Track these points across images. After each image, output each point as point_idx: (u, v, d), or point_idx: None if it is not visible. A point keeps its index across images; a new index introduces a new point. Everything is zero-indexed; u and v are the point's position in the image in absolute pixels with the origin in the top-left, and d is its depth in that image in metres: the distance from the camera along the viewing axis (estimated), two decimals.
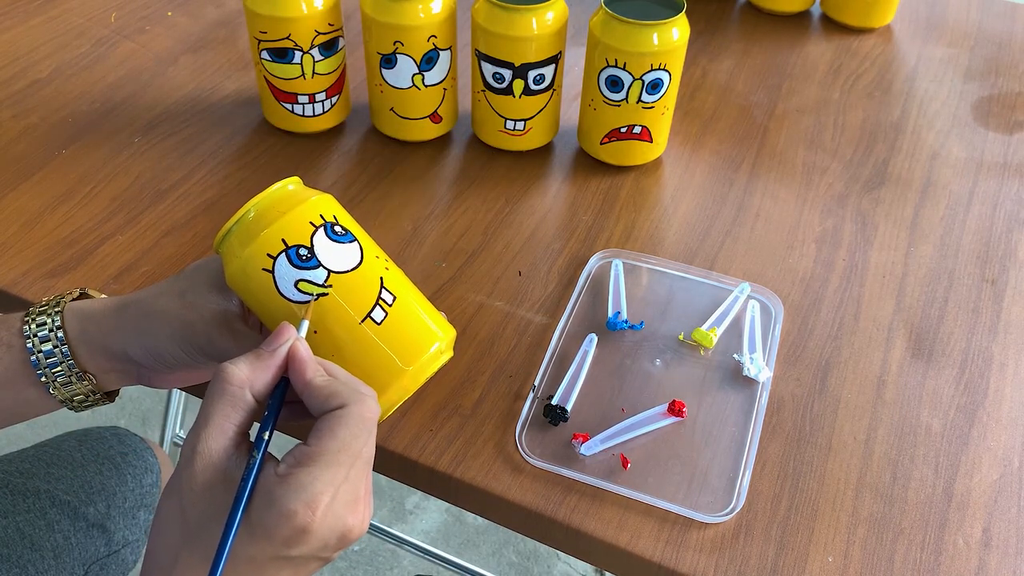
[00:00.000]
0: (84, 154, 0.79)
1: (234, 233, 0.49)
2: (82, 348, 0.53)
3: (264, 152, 0.80)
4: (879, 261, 0.73)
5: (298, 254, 0.48)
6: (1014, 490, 0.58)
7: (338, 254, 0.49)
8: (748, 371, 0.63)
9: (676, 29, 0.72)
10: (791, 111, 0.88)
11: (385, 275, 0.50)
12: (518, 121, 0.78)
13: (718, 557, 0.54)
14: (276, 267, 0.48)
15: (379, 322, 0.49)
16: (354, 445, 0.43)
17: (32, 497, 0.79)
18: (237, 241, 0.49)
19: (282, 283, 0.48)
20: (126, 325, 0.53)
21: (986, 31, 1.01)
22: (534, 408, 0.61)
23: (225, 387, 0.44)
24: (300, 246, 0.48)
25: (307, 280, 0.48)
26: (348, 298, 0.49)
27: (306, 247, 0.48)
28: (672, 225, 0.75)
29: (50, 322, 0.53)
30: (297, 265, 0.48)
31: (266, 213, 0.49)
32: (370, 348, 0.49)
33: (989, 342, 0.67)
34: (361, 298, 0.49)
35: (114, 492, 0.84)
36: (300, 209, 0.49)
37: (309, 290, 0.48)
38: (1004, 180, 0.81)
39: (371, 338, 0.49)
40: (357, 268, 0.49)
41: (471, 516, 1.51)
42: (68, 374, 0.53)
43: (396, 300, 0.49)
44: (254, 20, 0.74)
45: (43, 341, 0.52)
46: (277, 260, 0.48)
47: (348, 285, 0.49)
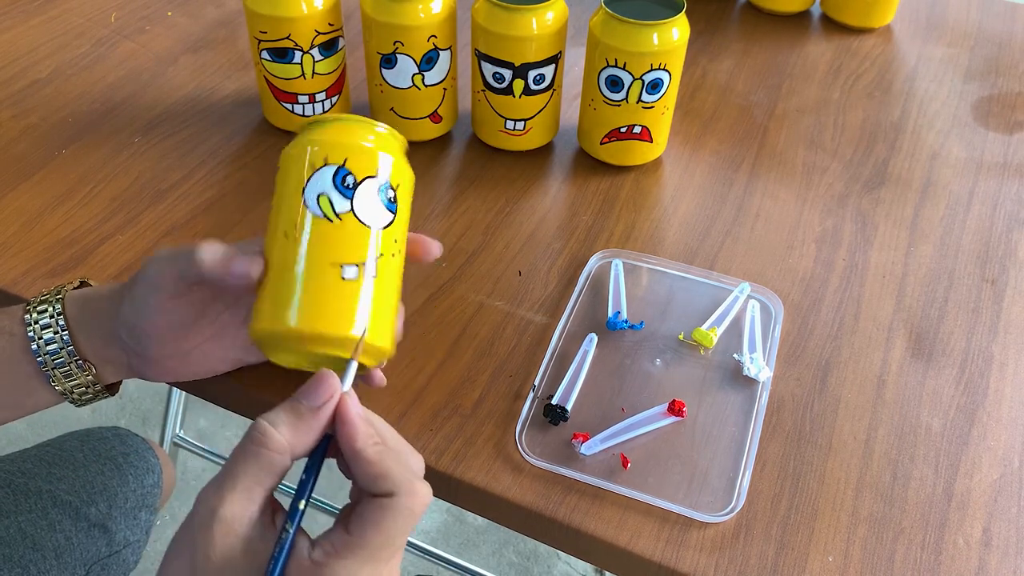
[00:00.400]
0: (84, 154, 0.79)
1: (323, 124, 0.50)
2: (81, 333, 0.53)
3: (264, 152, 0.80)
4: (879, 261, 0.73)
5: (344, 179, 0.49)
6: (1014, 490, 0.58)
7: (373, 208, 0.49)
8: (748, 371, 0.63)
9: (676, 29, 0.72)
10: (791, 111, 0.88)
11: (388, 260, 0.50)
12: (518, 121, 0.78)
13: (718, 557, 0.54)
14: (321, 171, 0.49)
15: (344, 277, 0.48)
16: (398, 540, 0.41)
17: (34, 497, 0.79)
18: (318, 130, 0.50)
19: (312, 186, 0.49)
20: (115, 297, 0.53)
21: (986, 31, 1.01)
22: (534, 408, 0.61)
23: (261, 451, 0.40)
24: (351, 174, 0.49)
25: (329, 200, 0.48)
26: (343, 241, 0.48)
27: (355, 180, 0.49)
28: (672, 225, 0.75)
29: (51, 309, 0.53)
30: (336, 184, 0.49)
31: (356, 129, 0.50)
32: (315, 286, 0.48)
33: (989, 342, 0.67)
34: (351, 249, 0.48)
35: (115, 492, 0.84)
36: (381, 155, 0.50)
37: (325, 208, 0.48)
38: (1004, 180, 0.81)
39: (326, 282, 0.48)
40: (371, 229, 0.49)
41: (471, 516, 1.51)
42: (68, 361, 0.52)
43: (374, 279, 0.49)
44: (254, 20, 0.74)
45: (44, 328, 0.52)
46: (325, 168, 0.49)
47: (353, 232, 0.49)
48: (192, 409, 1.52)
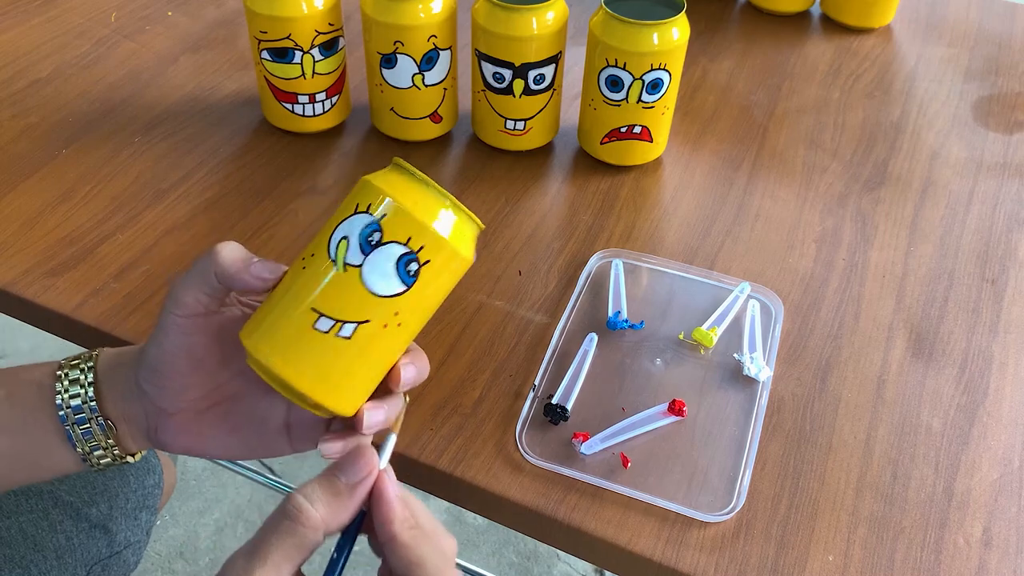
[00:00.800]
0: (84, 154, 0.79)
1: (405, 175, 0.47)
2: (105, 387, 0.51)
3: (264, 152, 0.80)
4: (879, 261, 0.73)
5: (371, 235, 0.46)
6: (1014, 489, 0.58)
7: (383, 275, 0.46)
8: (748, 371, 0.63)
9: (676, 29, 0.72)
10: (791, 111, 0.88)
11: (377, 332, 0.47)
12: (518, 121, 0.78)
13: (718, 556, 0.54)
14: (358, 216, 0.46)
15: (313, 326, 0.46)
16: None
17: (35, 498, 0.79)
18: (393, 178, 0.47)
19: (343, 225, 0.46)
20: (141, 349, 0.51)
21: (986, 31, 1.01)
22: (534, 407, 0.61)
23: (295, 527, 0.40)
24: (380, 232, 0.46)
25: (347, 246, 0.46)
26: (334, 291, 0.46)
27: (379, 239, 0.46)
28: (672, 225, 0.75)
29: (83, 364, 0.52)
30: (360, 236, 0.46)
31: (420, 198, 0.47)
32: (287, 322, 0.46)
33: (989, 342, 0.67)
34: (338, 304, 0.46)
35: (116, 493, 0.84)
36: (423, 227, 0.46)
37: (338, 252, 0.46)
38: (1004, 180, 0.81)
39: (297, 322, 0.46)
40: (368, 292, 0.46)
41: (471, 516, 1.51)
42: (89, 418, 0.51)
43: (346, 342, 0.46)
44: (254, 20, 0.74)
45: (72, 382, 0.51)
46: (362, 215, 0.46)
47: (348, 288, 0.46)
48: None
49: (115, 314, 0.65)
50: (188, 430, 0.51)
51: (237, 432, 0.52)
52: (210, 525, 1.52)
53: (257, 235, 0.72)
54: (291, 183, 0.77)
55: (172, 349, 0.49)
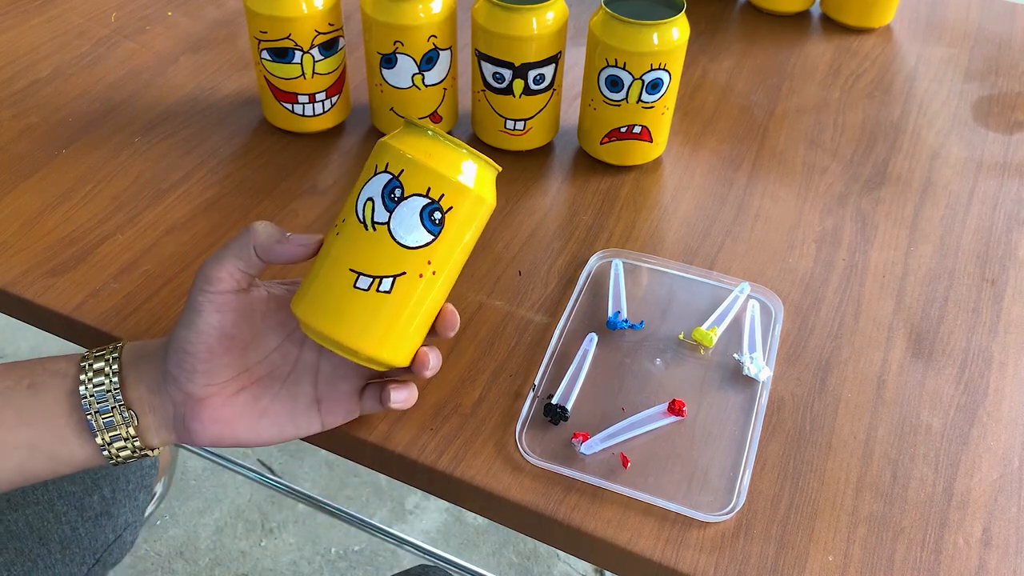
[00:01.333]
0: (84, 154, 0.79)
1: (418, 132, 0.50)
2: (131, 376, 0.52)
3: (264, 152, 0.81)
4: (879, 261, 0.73)
5: (392, 191, 0.49)
6: (1014, 489, 0.58)
7: (410, 227, 0.49)
8: (748, 371, 0.63)
9: (676, 29, 0.72)
10: (791, 111, 0.88)
11: (413, 279, 0.50)
12: (518, 121, 0.78)
13: (718, 556, 0.54)
14: (378, 176, 0.49)
15: (355, 286, 0.49)
16: None
17: (40, 489, 0.80)
18: (407, 136, 0.50)
19: (367, 187, 0.49)
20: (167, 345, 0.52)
21: (986, 31, 1.01)
22: (534, 407, 0.61)
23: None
24: (400, 188, 0.49)
25: (372, 206, 0.49)
26: (367, 250, 0.49)
27: (401, 194, 0.49)
28: (672, 225, 0.75)
29: (108, 355, 0.53)
30: (383, 194, 0.49)
31: (434, 151, 0.49)
32: (329, 286, 0.50)
33: (989, 342, 0.67)
34: (372, 261, 0.49)
35: (117, 476, 0.85)
36: (440, 176, 0.49)
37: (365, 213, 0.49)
38: (1004, 180, 0.81)
39: (339, 285, 0.49)
40: (399, 246, 0.49)
41: (471, 516, 1.51)
42: (112, 406, 0.51)
43: (387, 296, 0.49)
44: (254, 20, 0.74)
45: (97, 372, 0.52)
46: (382, 175, 0.49)
47: (380, 245, 0.49)
48: None
49: (115, 314, 0.65)
50: (218, 417, 0.52)
51: (267, 414, 0.53)
52: (210, 525, 1.52)
53: None
54: (291, 183, 0.77)
55: (205, 328, 0.50)
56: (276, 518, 1.52)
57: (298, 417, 0.54)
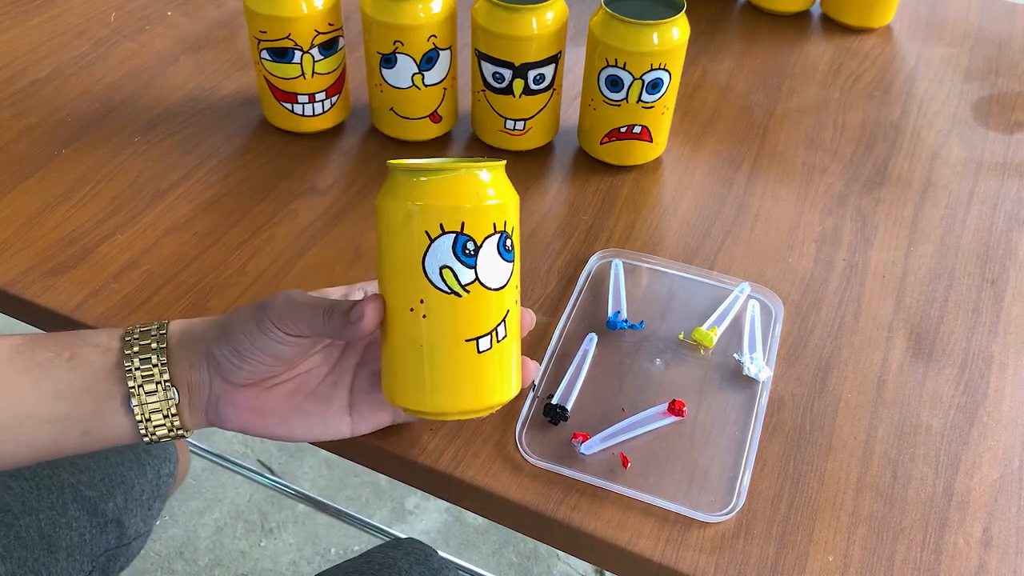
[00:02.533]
0: (84, 154, 0.79)
1: (428, 179, 0.47)
2: (176, 353, 0.52)
3: (264, 152, 0.80)
4: (879, 261, 0.73)
5: (465, 247, 0.47)
6: (1014, 490, 0.58)
7: (495, 269, 0.47)
8: (748, 371, 0.63)
9: (676, 29, 0.72)
10: (791, 111, 0.88)
11: (512, 308, 0.49)
12: (518, 121, 0.78)
13: (718, 556, 0.54)
14: (440, 240, 0.46)
15: (480, 351, 0.48)
16: None
17: (56, 492, 0.79)
18: (425, 188, 0.47)
19: (431, 257, 0.46)
20: (217, 321, 0.53)
21: (986, 31, 1.01)
22: (534, 407, 0.61)
23: None
24: (472, 240, 0.47)
25: (453, 273, 0.47)
26: (473, 314, 0.48)
27: (475, 245, 0.47)
28: (672, 225, 0.75)
29: (155, 331, 0.53)
30: (457, 255, 0.46)
31: (466, 185, 0.47)
32: (453, 366, 0.48)
33: (989, 342, 0.67)
34: (483, 320, 0.48)
35: (133, 484, 0.85)
36: (497, 205, 0.47)
37: (451, 283, 0.47)
38: (1004, 180, 0.81)
39: (462, 361, 0.48)
40: (497, 291, 0.48)
41: (471, 516, 1.51)
42: (158, 379, 0.51)
43: (504, 340, 0.49)
44: (254, 20, 0.74)
45: (143, 348, 0.52)
46: (444, 237, 0.46)
47: (481, 302, 0.47)
48: None
49: (115, 314, 0.65)
50: (251, 407, 0.52)
51: (300, 412, 0.53)
52: (210, 525, 1.52)
53: (257, 235, 0.72)
54: (291, 183, 0.77)
55: (263, 348, 0.50)
56: (276, 518, 1.52)
57: (329, 420, 0.54)
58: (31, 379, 0.51)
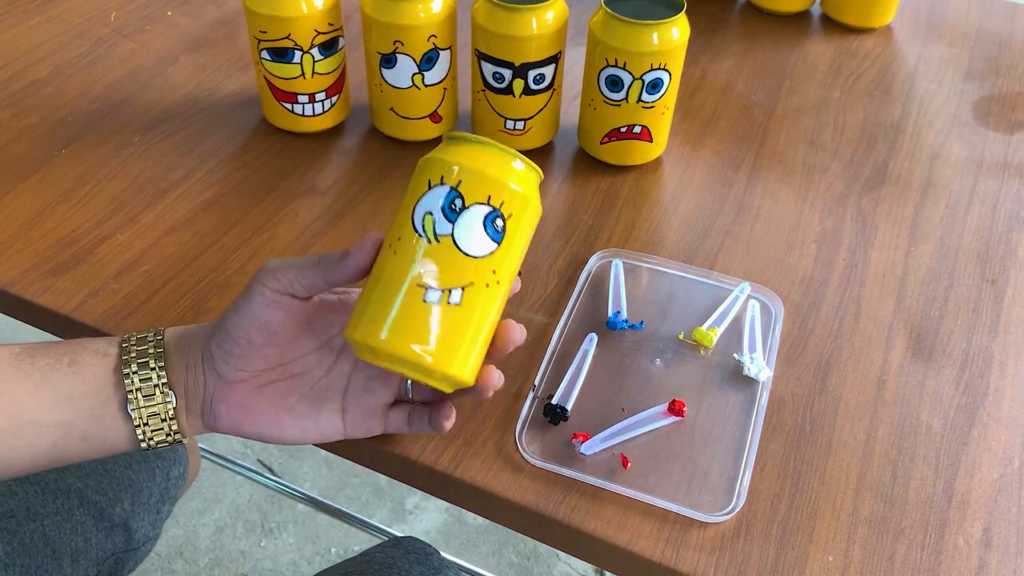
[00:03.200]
0: (84, 154, 0.79)
1: (464, 142, 0.50)
2: (172, 358, 0.53)
3: (264, 152, 0.80)
4: (879, 261, 0.73)
5: (453, 203, 0.48)
6: (1014, 490, 0.58)
7: (474, 236, 0.48)
8: (748, 371, 0.63)
9: (676, 29, 0.72)
10: (791, 111, 0.88)
11: (482, 290, 0.49)
12: (518, 121, 0.78)
13: (718, 556, 0.54)
14: (434, 189, 0.49)
15: (425, 300, 0.48)
16: None
17: (62, 497, 0.79)
18: (449, 147, 0.50)
19: (422, 202, 0.49)
20: (208, 330, 0.53)
21: (986, 31, 1.01)
22: (534, 407, 0.61)
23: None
24: (460, 198, 0.48)
25: (433, 220, 0.48)
26: (432, 261, 0.48)
27: (462, 205, 0.48)
28: (672, 225, 0.75)
29: (152, 337, 0.53)
30: (443, 207, 0.48)
31: (485, 157, 0.49)
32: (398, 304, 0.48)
33: (989, 342, 0.67)
34: (440, 271, 0.48)
35: (141, 488, 0.85)
36: (498, 183, 0.49)
37: (426, 227, 0.48)
38: (1004, 180, 0.81)
39: (408, 302, 0.48)
40: (466, 256, 0.48)
41: (471, 516, 1.51)
42: (156, 384, 0.52)
43: (457, 309, 0.48)
44: (254, 20, 0.74)
45: (141, 354, 0.52)
46: (439, 188, 0.48)
47: (445, 257, 0.48)
48: None
49: (115, 314, 0.65)
50: (244, 404, 0.53)
51: (292, 413, 0.54)
52: (210, 525, 1.52)
53: (257, 235, 0.72)
54: (291, 183, 0.77)
55: (250, 316, 0.51)
56: (276, 518, 1.52)
57: (322, 422, 0.54)
58: (32, 384, 0.51)
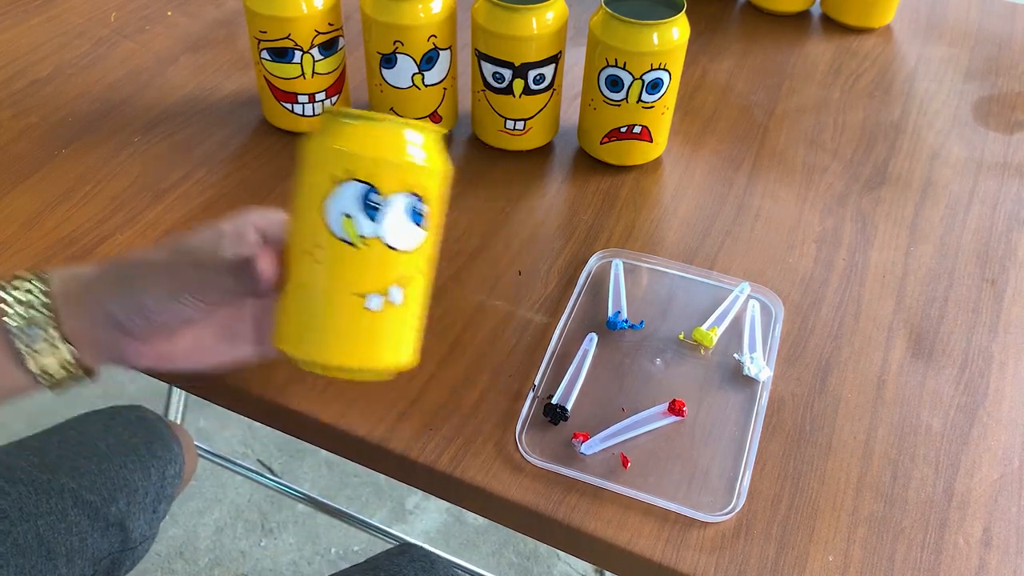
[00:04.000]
0: (84, 154, 0.79)
1: (349, 124, 0.45)
2: (66, 312, 0.50)
3: (264, 152, 0.80)
4: (879, 261, 0.73)
5: (368, 198, 0.45)
6: (1014, 489, 0.58)
7: (402, 229, 0.46)
8: (748, 371, 0.63)
9: (676, 29, 0.72)
10: (791, 111, 0.88)
11: (417, 279, 0.48)
12: (518, 121, 0.78)
13: (718, 556, 0.54)
14: (344, 186, 0.45)
15: (367, 307, 0.46)
16: None
17: (56, 497, 0.79)
18: (343, 131, 0.45)
19: (333, 203, 0.45)
20: (109, 275, 0.51)
21: (986, 31, 1.01)
22: (534, 407, 0.61)
23: None
24: (376, 192, 0.44)
25: (354, 222, 0.45)
26: (367, 268, 0.46)
27: (381, 200, 0.45)
28: (672, 225, 0.75)
29: (34, 286, 0.50)
30: (362, 204, 0.45)
31: (386, 139, 0.45)
32: (337, 317, 0.47)
33: (989, 342, 0.67)
34: (376, 277, 0.46)
35: (136, 487, 0.84)
36: (411, 167, 0.45)
37: (348, 231, 0.45)
38: (1004, 180, 0.81)
39: (348, 314, 0.46)
40: (399, 252, 0.46)
41: (471, 516, 1.51)
42: (48, 339, 0.49)
43: (400, 307, 0.47)
44: (254, 20, 0.74)
45: (22, 304, 0.49)
46: (350, 183, 0.45)
47: (379, 259, 0.46)
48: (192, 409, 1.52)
49: None
50: (157, 352, 0.52)
51: (205, 350, 0.53)
52: (210, 525, 1.52)
53: None
54: (291, 183, 0.77)
55: (174, 313, 0.50)
56: (276, 518, 1.52)
57: (236, 350, 0.54)
58: None
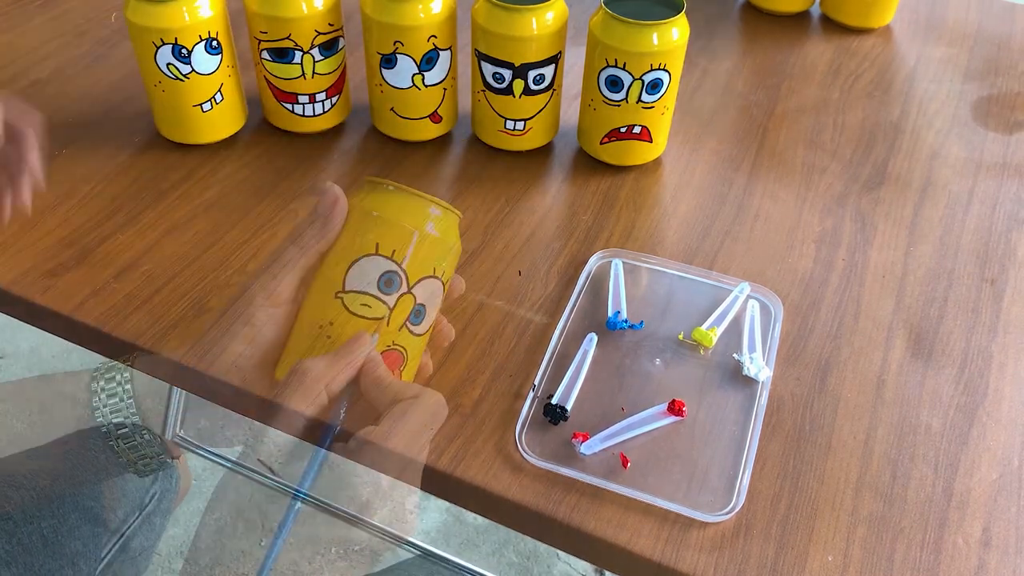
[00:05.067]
0: (84, 154, 0.79)
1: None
2: (148, 401, 0.52)
3: (264, 152, 0.81)
4: (879, 261, 0.73)
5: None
6: (1014, 489, 0.58)
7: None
8: (748, 371, 0.63)
9: (676, 29, 0.72)
10: (791, 111, 0.88)
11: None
12: (518, 121, 0.78)
13: (718, 556, 0.54)
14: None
15: None
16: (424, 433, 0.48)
17: (57, 502, 0.79)
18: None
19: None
20: None
21: (986, 31, 1.01)
22: (534, 407, 0.61)
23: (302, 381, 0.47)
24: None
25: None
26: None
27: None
28: (672, 225, 0.75)
29: (119, 376, 0.53)
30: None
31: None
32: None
33: (989, 342, 0.67)
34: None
35: (134, 499, 0.85)
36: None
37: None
38: (1004, 180, 0.81)
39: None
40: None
41: (471, 516, 1.51)
42: (132, 432, 0.51)
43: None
44: (254, 20, 0.74)
45: (110, 396, 0.52)
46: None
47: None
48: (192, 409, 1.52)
49: (115, 314, 0.65)
50: None
51: None
52: (210, 525, 1.52)
53: (257, 235, 0.72)
54: (291, 183, 0.77)
55: None
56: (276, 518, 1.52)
57: None
58: None
